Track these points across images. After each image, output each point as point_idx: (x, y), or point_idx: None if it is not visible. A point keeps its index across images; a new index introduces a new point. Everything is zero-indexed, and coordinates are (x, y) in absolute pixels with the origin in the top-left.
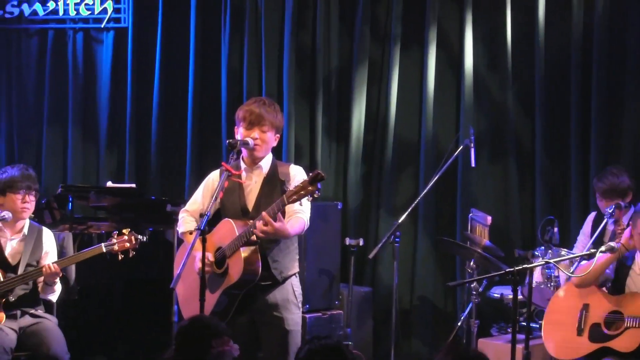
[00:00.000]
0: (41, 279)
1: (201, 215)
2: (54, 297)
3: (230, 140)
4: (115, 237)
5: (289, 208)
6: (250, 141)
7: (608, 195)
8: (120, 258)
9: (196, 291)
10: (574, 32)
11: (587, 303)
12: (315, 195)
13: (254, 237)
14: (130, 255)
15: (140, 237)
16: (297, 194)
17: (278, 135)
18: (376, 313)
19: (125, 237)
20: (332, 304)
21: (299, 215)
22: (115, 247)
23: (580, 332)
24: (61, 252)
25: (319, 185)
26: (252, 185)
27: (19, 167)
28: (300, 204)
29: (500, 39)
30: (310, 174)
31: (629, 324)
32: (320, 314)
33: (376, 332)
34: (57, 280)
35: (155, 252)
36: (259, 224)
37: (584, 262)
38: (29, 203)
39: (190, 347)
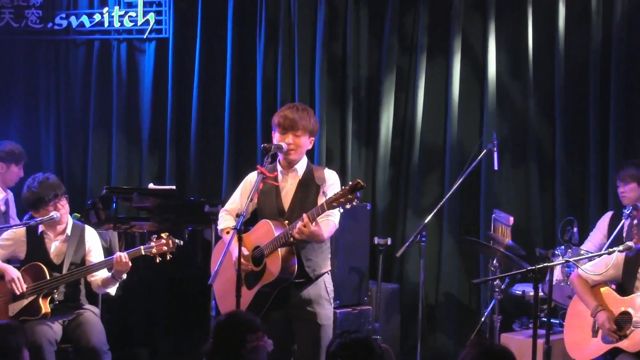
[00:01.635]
0: (102, 276)
1: (237, 215)
2: (112, 291)
3: (265, 145)
4: (154, 240)
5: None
6: (284, 145)
7: (627, 179)
8: (157, 261)
9: (233, 287)
10: (593, 41)
11: (600, 305)
12: (355, 203)
13: (292, 239)
14: (168, 258)
15: (178, 241)
16: (337, 201)
17: (312, 138)
18: (403, 308)
19: (163, 241)
20: (362, 300)
21: (330, 218)
22: (154, 250)
23: (594, 333)
24: (108, 250)
25: (358, 194)
26: (288, 187)
27: (38, 180)
28: (340, 210)
29: (522, 48)
30: (351, 183)
31: (637, 325)
32: (350, 309)
33: (403, 327)
34: (124, 275)
35: (194, 251)
36: (300, 224)
37: (588, 265)
38: (62, 208)
39: (226, 341)
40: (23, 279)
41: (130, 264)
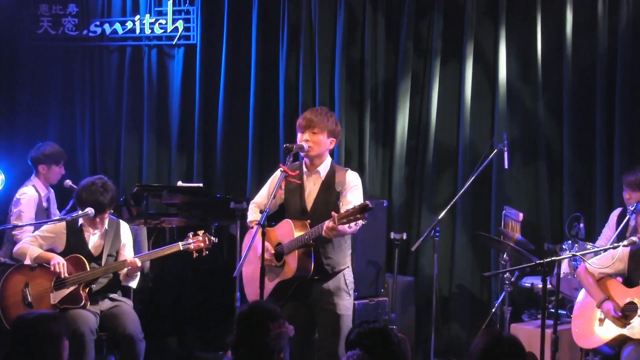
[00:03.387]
0: (123, 271)
1: (261, 212)
2: (133, 284)
3: (287, 145)
4: (191, 237)
5: (346, 205)
6: (305, 145)
7: (632, 186)
8: (194, 256)
9: (257, 276)
10: (599, 46)
11: (607, 295)
12: (363, 222)
13: (311, 241)
14: (204, 254)
15: (213, 238)
16: (347, 218)
17: (333, 139)
18: (418, 300)
19: (200, 238)
20: (379, 292)
21: None
22: (191, 247)
23: (600, 322)
24: (137, 244)
25: (366, 215)
26: (311, 187)
27: (100, 186)
28: (349, 227)
29: (532, 53)
30: (360, 204)
31: None
32: (367, 300)
33: (418, 318)
34: (138, 273)
35: (220, 245)
36: (327, 226)
37: (596, 259)
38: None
39: (250, 330)
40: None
41: (140, 266)
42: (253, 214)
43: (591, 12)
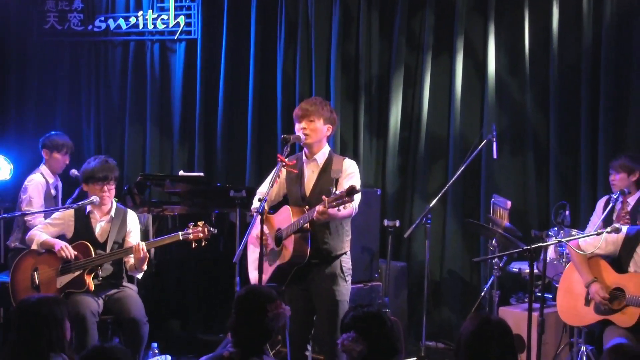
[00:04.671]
0: (131, 261)
1: (259, 200)
2: (139, 275)
3: (285, 136)
4: (191, 227)
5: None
6: (302, 135)
7: (618, 168)
8: (193, 246)
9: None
10: (585, 41)
11: (595, 278)
12: (350, 206)
13: (307, 226)
14: (203, 244)
15: (213, 229)
16: (336, 201)
17: (330, 126)
18: (410, 285)
19: (200, 228)
20: (372, 277)
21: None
22: (191, 237)
23: (587, 302)
24: (145, 231)
25: (353, 197)
26: (310, 175)
27: (99, 160)
28: (339, 210)
29: (519, 47)
30: (348, 187)
31: (630, 302)
32: (362, 285)
33: (410, 301)
34: (145, 266)
35: (221, 232)
36: (318, 211)
37: (588, 238)
38: (109, 191)
39: (248, 313)
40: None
41: (146, 254)
42: (256, 202)
43: (576, 8)
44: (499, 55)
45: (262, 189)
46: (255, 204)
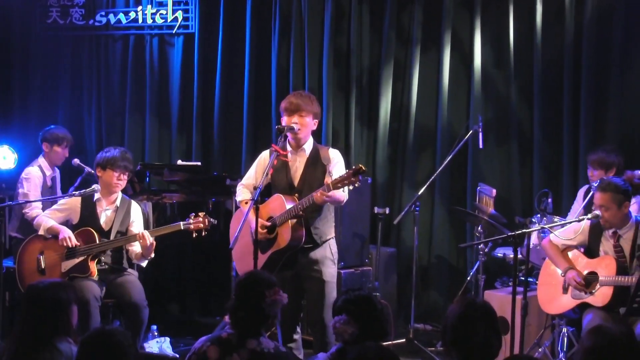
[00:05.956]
0: (138, 250)
1: (254, 188)
2: (144, 263)
3: (279, 126)
4: (193, 218)
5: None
6: (296, 126)
7: (595, 165)
8: (194, 236)
9: (249, 250)
10: (567, 35)
11: (570, 266)
12: (357, 185)
13: (301, 212)
14: (203, 234)
15: (213, 220)
16: (342, 182)
17: (316, 120)
18: (400, 269)
19: (200, 219)
20: (363, 262)
21: (340, 190)
22: (192, 227)
23: (565, 290)
24: (146, 220)
25: (360, 177)
26: (297, 165)
27: (120, 150)
28: (343, 191)
29: (505, 41)
30: (354, 167)
31: (603, 283)
32: (353, 270)
33: (400, 285)
34: (152, 254)
35: (217, 219)
36: (320, 191)
37: (567, 227)
38: (122, 181)
39: (248, 297)
40: (76, 241)
41: (152, 242)
42: (242, 194)
43: (559, 4)
44: (485, 50)
45: (246, 181)
46: (242, 196)
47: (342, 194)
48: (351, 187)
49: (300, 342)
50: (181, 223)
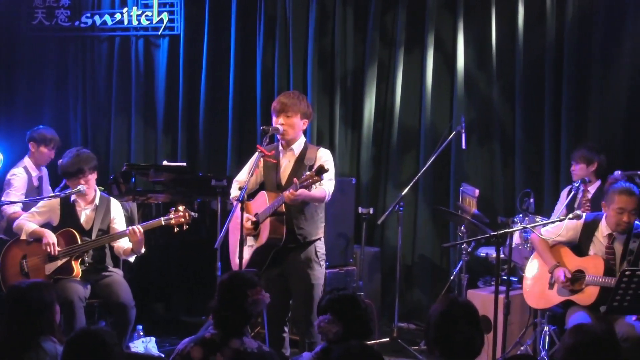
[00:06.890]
0: (128, 247)
1: (240, 189)
2: (132, 259)
3: (264, 127)
4: (173, 212)
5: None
6: (280, 127)
7: (577, 159)
8: (175, 231)
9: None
10: (548, 37)
11: (558, 263)
12: (320, 185)
13: (282, 209)
14: (184, 228)
15: (193, 214)
16: (306, 181)
17: (306, 120)
18: (384, 269)
19: (181, 213)
20: (347, 262)
21: (322, 186)
22: (172, 221)
23: (551, 286)
24: (129, 219)
25: (322, 177)
26: (286, 164)
27: (71, 155)
28: (315, 187)
29: (487, 43)
30: (318, 166)
31: (590, 282)
32: (337, 269)
33: (384, 285)
34: (143, 249)
35: (203, 219)
36: (291, 190)
37: (551, 225)
38: (88, 182)
39: (230, 297)
40: (58, 243)
41: (142, 236)
42: (235, 191)
43: (540, 6)
44: (468, 51)
45: (240, 178)
46: (235, 192)
47: (321, 192)
48: (316, 186)
49: (287, 341)
50: (162, 218)
